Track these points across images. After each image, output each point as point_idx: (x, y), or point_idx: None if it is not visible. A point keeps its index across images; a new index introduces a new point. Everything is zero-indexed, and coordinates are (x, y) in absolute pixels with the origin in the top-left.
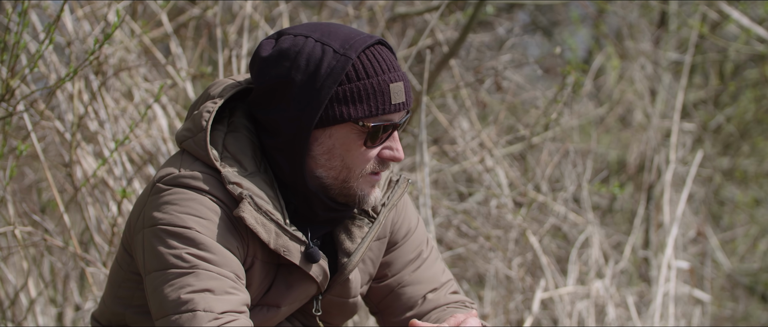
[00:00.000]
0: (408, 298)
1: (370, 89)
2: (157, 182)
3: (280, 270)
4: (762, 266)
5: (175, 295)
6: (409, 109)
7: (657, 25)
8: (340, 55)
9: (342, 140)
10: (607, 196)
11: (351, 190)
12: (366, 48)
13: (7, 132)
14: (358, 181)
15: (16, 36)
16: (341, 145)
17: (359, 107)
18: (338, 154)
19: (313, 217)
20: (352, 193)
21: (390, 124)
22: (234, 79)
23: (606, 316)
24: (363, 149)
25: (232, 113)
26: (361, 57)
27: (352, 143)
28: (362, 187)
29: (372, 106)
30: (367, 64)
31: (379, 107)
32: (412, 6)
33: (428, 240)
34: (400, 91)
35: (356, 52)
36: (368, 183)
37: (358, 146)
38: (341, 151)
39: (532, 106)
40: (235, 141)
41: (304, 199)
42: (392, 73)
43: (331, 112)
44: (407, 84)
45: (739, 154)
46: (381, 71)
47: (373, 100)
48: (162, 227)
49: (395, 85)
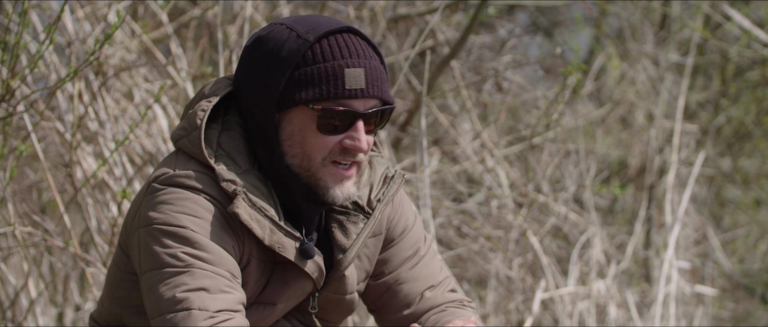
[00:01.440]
0: (405, 295)
1: (323, 73)
2: (152, 182)
3: (275, 267)
4: (762, 267)
5: (170, 293)
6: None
7: (659, 26)
8: (301, 39)
9: (299, 125)
10: (608, 197)
11: (317, 182)
12: (331, 34)
13: (7, 132)
14: (321, 172)
15: (16, 36)
16: (299, 131)
17: (311, 90)
18: (298, 141)
19: (299, 211)
20: (318, 184)
21: (346, 110)
22: (227, 78)
23: (607, 316)
24: (318, 135)
25: (226, 111)
26: (321, 42)
27: (307, 129)
28: (326, 179)
29: (323, 89)
30: (326, 49)
31: (331, 91)
32: (414, 7)
33: (425, 238)
34: (359, 77)
35: (316, 36)
36: (333, 176)
37: (313, 132)
38: (300, 138)
39: (533, 107)
40: (230, 139)
41: (286, 190)
42: (353, 59)
43: (289, 95)
44: (373, 73)
45: (741, 155)
46: (340, 56)
47: (324, 84)
48: (157, 227)
49: (352, 71)
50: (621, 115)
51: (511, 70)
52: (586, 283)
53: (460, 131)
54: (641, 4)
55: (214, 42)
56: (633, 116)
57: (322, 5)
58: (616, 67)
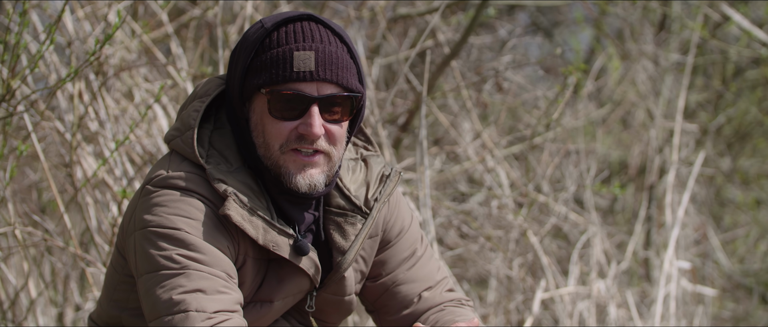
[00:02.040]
0: (403, 296)
1: (274, 58)
2: (146, 184)
3: (270, 265)
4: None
5: (167, 296)
6: (333, 82)
7: (659, 26)
8: (263, 28)
9: (259, 113)
10: (608, 197)
11: (280, 170)
12: (289, 21)
13: (7, 132)
14: (281, 160)
15: (16, 36)
16: (260, 120)
17: (262, 75)
18: (260, 130)
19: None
20: (281, 172)
21: (296, 94)
22: (219, 78)
23: (607, 316)
24: (273, 121)
25: (218, 110)
26: (279, 29)
27: (263, 115)
28: (288, 167)
29: (273, 73)
30: (281, 36)
31: (279, 75)
32: (414, 7)
33: (423, 238)
34: (308, 59)
35: (274, 23)
36: (294, 164)
37: (268, 118)
38: (261, 126)
39: (533, 107)
40: (221, 137)
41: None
42: (304, 43)
43: (246, 83)
44: (328, 57)
45: (741, 155)
46: (292, 41)
47: (273, 68)
48: (152, 229)
49: (301, 54)
50: (621, 115)
51: (511, 70)
52: (587, 283)
53: (460, 131)
54: (641, 4)
55: (214, 42)
56: (633, 116)
57: (323, 5)
58: (616, 67)
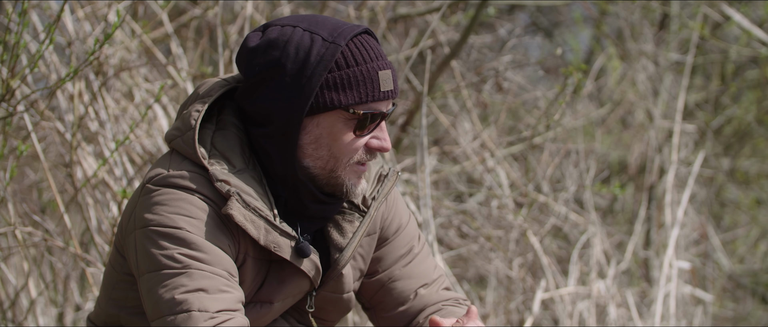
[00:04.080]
0: (399, 293)
1: (360, 76)
2: (146, 183)
3: (272, 266)
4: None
5: (169, 295)
6: (395, 98)
7: (658, 26)
8: (329, 43)
9: (329, 129)
10: (608, 197)
11: (338, 180)
12: (354, 36)
13: (7, 132)
14: (344, 171)
15: (16, 36)
16: (328, 135)
17: (350, 94)
18: (325, 144)
19: (304, 211)
20: (339, 183)
21: (378, 112)
22: (222, 79)
23: (607, 316)
24: (351, 138)
25: (220, 111)
26: (349, 45)
27: (339, 132)
28: (349, 177)
29: (362, 92)
30: (356, 52)
31: (369, 94)
32: (414, 7)
33: (419, 236)
34: (389, 79)
35: (345, 39)
36: (355, 173)
37: (346, 135)
38: (328, 141)
39: (534, 107)
40: (224, 138)
41: (294, 191)
42: (380, 61)
43: (321, 99)
44: (394, 73)
45: (741, 155)
46: (370, 58)
47: (362, 87)
48: (153, 228)
49: (384, 73)
50: (621, 115)
51: (511, 70)
52: (586, 283)
53: (460, 131)
54: (641, 3)
55: (214, 42)
56: (633, 116)
57: (323, 5)
58: (616, 67)
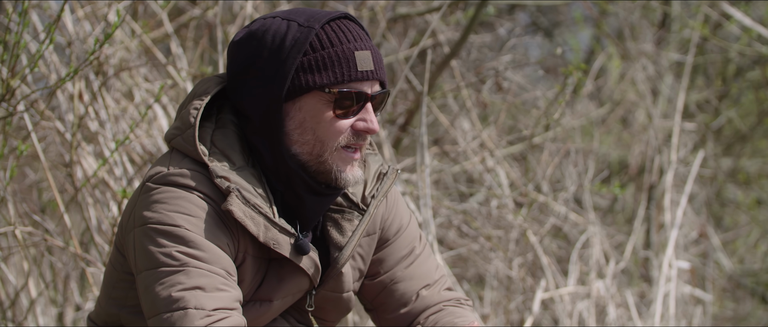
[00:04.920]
0: (401, 294)
1: (334, 56)
2: (146, 181)
3: (271, 264)
4: (763, 267)
5: (166, 293)
6: (382, 81)
7: (659, 25)
8: (304, 27)
9: (312, 112)
10: (608, 197)
11: (326, 166)
12: (331, 20)
13: (7, 132)
14: (332, 156)
15: (16, 36)
16: (312, 118)
17: (325, 74)
18: (310, 127)
19: (300, 205)
20: (327, 169)
21: (358, 92)
22: (218, 75)
23: (607, 316)
24: (333, 119)
25: (219, 110)
26: (325, 28)
27: (321, 114)
28: (337, 163)
29: (337, 72)
30: (331, 34)
31: (344, 73)
32: (413, 6)
33: (421, 237)
34: (367, 59)
35: (320, 23)
36: (343, 160)
37: (328, 116)
38: (312, 124)
39: (533, 107)
40: (223, 137)
41: (287, 182)
42: (358, 42)
43: (297, 82)
44: (377, 56)
45: (741, 155)
46: (347, 40)
47: (337, 67)
48: (152, 226)
49: (361, 53)
50: (621, 115)
51: (511, 70)
52: (586, 283)
53: (460, 131)
54: (641, 3)
55: (214, 42)
56: (633, 116)
57: (322, 5)
58: (616, 66)
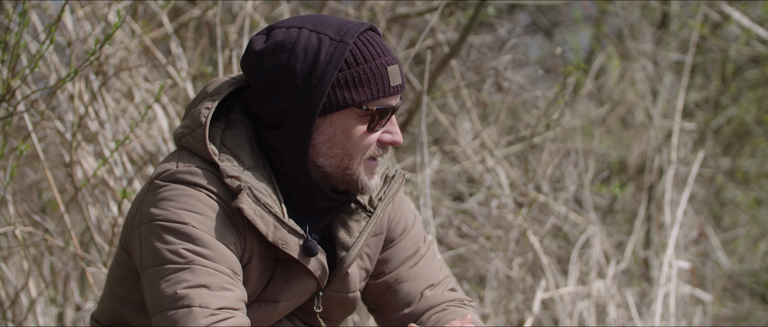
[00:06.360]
0: (405, 294)
1: (370, 73)
2: (154, 179)
3: (278, 265)
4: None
5: (170, 290)
6: (403, 92)
7: (658, 25)
8: (337, 41)
9: (343, 126)
10: (607, 197)
11: (352, 177)
12: (360, 34)
13: (7, 132)
14: (359, 168)
15: (16, 36)
16: (342, 132)
17: (362, 91)
18: (339, 142)
19: (312, 208)
20: (353, 179)
21: (389, 107)
22: (231, 77)
23: (607, 316)
24: (364, 134)
25: (229, 110)
26: (356, 43)
27: (352, 129)
28: (363, 172)
29: (374, 89)
30: (364, 49)
31: (380, 90)
32: (413, 6)
33: (425, 238)
34: (397, 73)
35: (352, 37)
36: (368, 169)
37: (360, 131)
38: (342, 138)
39: (533, 107)
40: (233, 137)
41: (305, 190)
42: (388, 56)
43: (334, 98)
44: (401, 67)
45: (741, 154)
46: (378, 55)
47: (373, 84)
48: (158, 223)
49: (392, 68)
50: (621, 115)
51: (511, 69)
52: (586, 283)
53: (460, 131)
54: (640, 3)
55: (214, 42)
56: (633, 116)
57: (322, 5)
58: (616, 66)
